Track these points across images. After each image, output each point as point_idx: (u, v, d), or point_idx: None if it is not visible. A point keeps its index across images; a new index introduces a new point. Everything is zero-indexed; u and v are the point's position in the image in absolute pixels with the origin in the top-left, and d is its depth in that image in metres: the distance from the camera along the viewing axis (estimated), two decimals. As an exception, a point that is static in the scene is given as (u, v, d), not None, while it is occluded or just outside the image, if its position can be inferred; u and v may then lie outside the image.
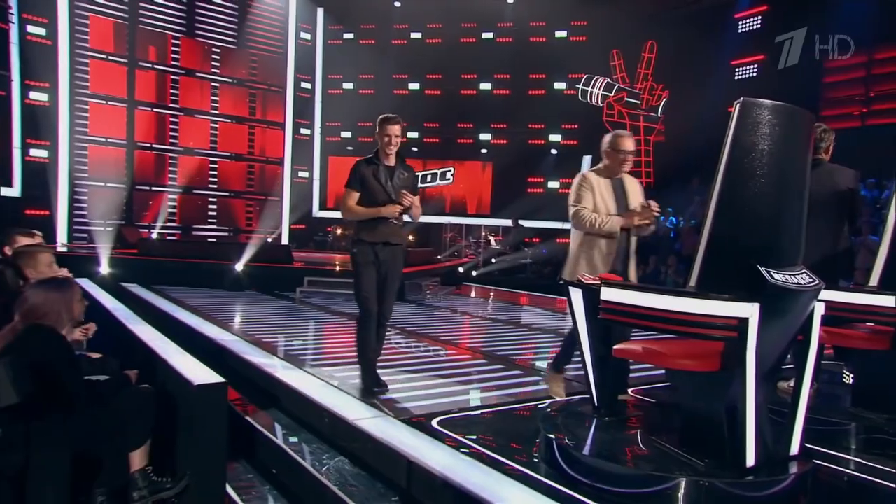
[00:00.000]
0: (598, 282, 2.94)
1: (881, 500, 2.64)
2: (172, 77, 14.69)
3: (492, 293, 11.30)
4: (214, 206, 15.35)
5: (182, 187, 14.77)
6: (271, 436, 3.66)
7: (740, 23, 14.54)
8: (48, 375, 2.74)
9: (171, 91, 14.66)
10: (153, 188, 14.46)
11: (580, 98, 15.78)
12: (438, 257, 14.07)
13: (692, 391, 2.80)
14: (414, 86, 17.16)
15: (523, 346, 6.24)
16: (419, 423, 3.40)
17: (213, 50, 15.14)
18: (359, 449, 3.30)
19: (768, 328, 2.42)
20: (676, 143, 14.89)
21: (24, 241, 3.96)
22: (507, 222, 14.86)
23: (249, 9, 15.67)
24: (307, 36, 16.99)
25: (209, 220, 15.26)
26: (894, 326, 3.42)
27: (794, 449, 2.69)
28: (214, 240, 15.13)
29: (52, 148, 13.37)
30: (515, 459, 2.93)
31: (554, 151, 16.52)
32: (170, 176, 14.65)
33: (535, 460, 2.94)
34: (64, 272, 3.76)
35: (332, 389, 4.03)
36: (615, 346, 2.90)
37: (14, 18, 12.74)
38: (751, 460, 2.46)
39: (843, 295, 3.53)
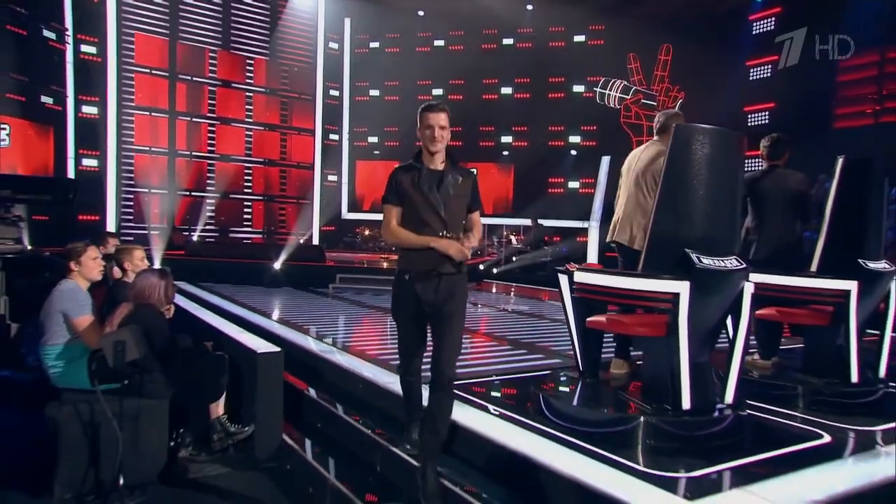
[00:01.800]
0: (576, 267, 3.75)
1: (792, 438, 3.38)
2: (210, 88, 15.82)
3: (513, 289, 12.05)
4: (249, 210, 16.45)
5: (220, 192, 15.88)
6: (316, 398, 4.54)
7: (755, 24, 15.04)
8: (153, 341, 3.67)
9: (209, 101, 15.79)
10: (193, 193, 15.61)
11: (598, 101, 16.45)
12: (462, 256, 14.87)
13: (647, 352, 3.59)
14: (437, 91, 17.95)
15: (533, 332, 7.04)
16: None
17: (248, 61, 16.23)
18: (387, 406, 4.14)
19: (698, 301, 3.18)
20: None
21: (113, 241, 4.95)
22: (528, 222, 15.58)
23: (280, 21, 16.72)
24: (335, 45, 17.94)
25: (244, 223, 16.36)
26: (832, 305, 4.16)
27: (729, 399, 3.45)
28: (249, 241, 16.20)
29: (101, 157, 14.61)
30: (515, 410, 3.73)
31: (574, 153, 17.20)
32: (208, 182, 15.79)
33: (530, 411, 3.74)
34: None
35: (364, 363, 4.89)
36: (588, 319, 3.70)
37: (70, 39, 14.00)
38: (686, 405, 3.22)
39: (791, 279, 4.27)
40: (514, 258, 14.17)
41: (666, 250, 3.27)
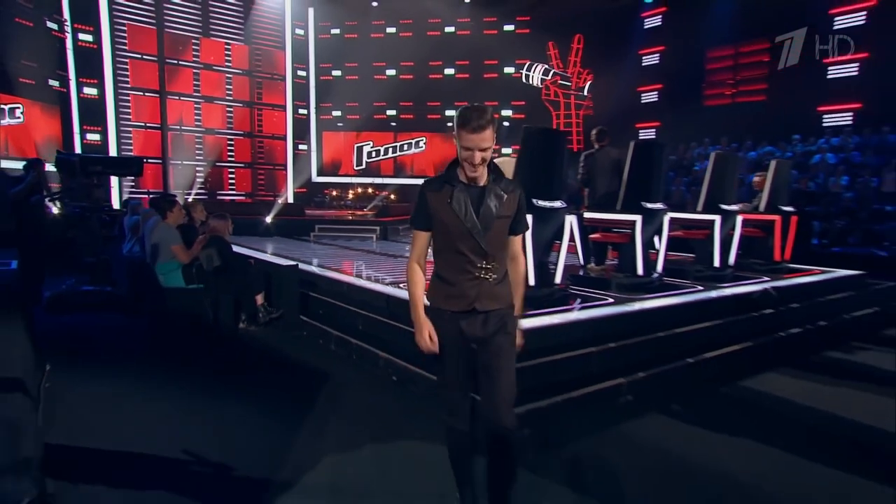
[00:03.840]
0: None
1: (593, 301, 5.70)
2: (194, 71, 17.12)
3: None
4: (233, 176, 18.01)
5: (207, 161, 17.38)
6: (319, 296, 6.65)
7: (646, 20, 17.28)
8: (224, 257, 5.72)
9: (194, 82, 17.12)
10: (184, 162, 17.08)
11: (524, 81, 18.50)
12: (414, 211, 16.98)
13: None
14: (391, 72, 19.64)
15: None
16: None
17: (226, 46, 17.53)
18: (362, 297, 6.29)
19: (537, 226, 5.40)
20: (600, 115, 17.81)
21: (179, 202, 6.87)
22: (467, 182, 17.63)
23: (252, 11, 17.98)
24: (301, 32, 19.26)
25: (229, 187, 17.94)
26: (629, 230, 6.48)
27: (558, 281, 5.74)
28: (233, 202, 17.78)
29: (103, 132, 15.92)
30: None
31: (506, 124, 19.23)
32: (197, 152, 17.26)
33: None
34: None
35: (345, 276, 7.01)
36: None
37: (69, 29, 15.11)
38: (531, 282, 5.48)
39: (607, 215, 6.58)
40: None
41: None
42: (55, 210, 7.94)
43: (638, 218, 6.31)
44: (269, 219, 12.31)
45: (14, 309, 2.88)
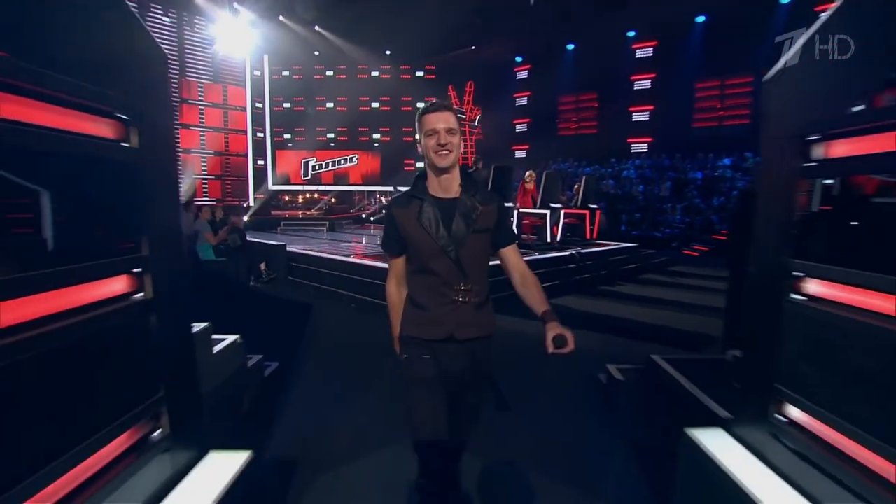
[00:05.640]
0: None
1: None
2: (174, 104, 17.84)
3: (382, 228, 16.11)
4: (206, 186, 18.88)
5: (186, 174, 18.18)
6: (302, 265, 8.50)
7: (517, 73, 20.02)
8: (242, 239, 7.49)
9: (174, 113, 17.83)
10: (165, 175, 17.77)
11: (432, 114, 20.59)
12: (351, 210, 18.80)
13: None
14: (329, 104, 21.15)
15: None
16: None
17: (199, 85, 18.38)
18: (328, 262, 8.22)
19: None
20: (487, 140, 20.37)
21: (205, 205, 8.46)
22: (390, 188, 19.70)
23: (219, 57, 18.91)
24: (258, 73, 20.31)
25: (203, 194, 18.80)
26: (542, 218, 8.81)
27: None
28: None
29: (96, 151, 16.40)
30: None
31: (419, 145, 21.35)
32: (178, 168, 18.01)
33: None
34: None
35: (314, 251, 8.88)
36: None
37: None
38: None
39: (524, 210, 8.90)
40: (383, 210, 18.19)
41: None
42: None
43: (547, 211, 8.68)
44: (245, 217, 13.72)
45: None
